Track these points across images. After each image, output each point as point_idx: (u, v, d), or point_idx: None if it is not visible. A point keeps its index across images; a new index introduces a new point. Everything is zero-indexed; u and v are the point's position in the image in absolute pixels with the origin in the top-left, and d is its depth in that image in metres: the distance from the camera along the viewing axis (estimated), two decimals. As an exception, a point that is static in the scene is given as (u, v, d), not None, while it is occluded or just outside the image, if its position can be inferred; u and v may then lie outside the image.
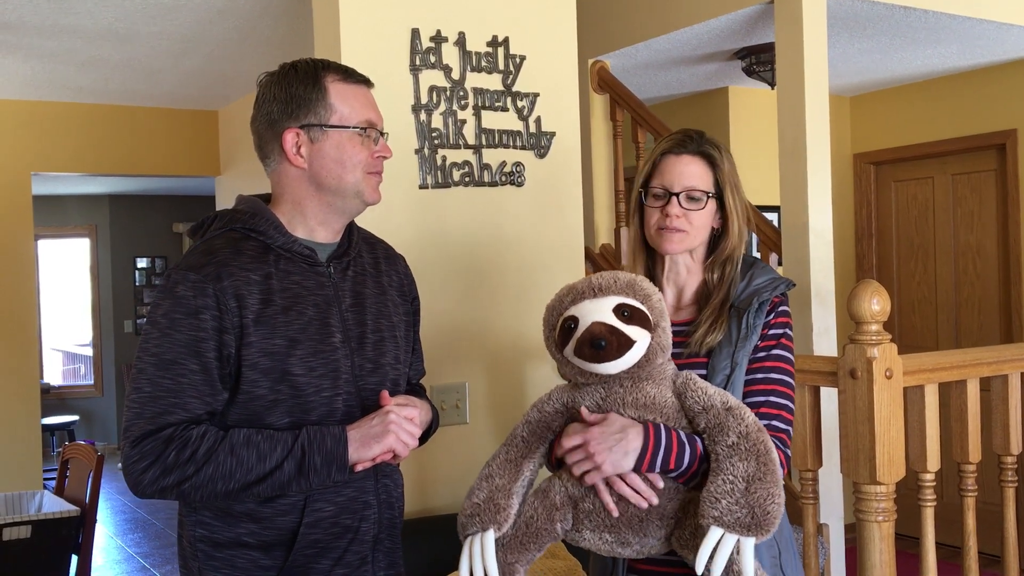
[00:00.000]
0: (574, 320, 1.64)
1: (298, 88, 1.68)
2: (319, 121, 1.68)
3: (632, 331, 1.61)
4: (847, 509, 3.60)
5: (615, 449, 1.59)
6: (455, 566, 2.18)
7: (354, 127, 1.70)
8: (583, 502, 1.66)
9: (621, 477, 1.61)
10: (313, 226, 1.74)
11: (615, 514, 1.63)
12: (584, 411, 1.66)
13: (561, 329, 1.66)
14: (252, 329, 1.61)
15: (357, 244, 1.81)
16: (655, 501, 1.62)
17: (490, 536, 1.64)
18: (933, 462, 2.39)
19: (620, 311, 1.62)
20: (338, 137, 1.69)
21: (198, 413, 1.60)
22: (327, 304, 1.70)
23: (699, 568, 1.53)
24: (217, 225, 1.72)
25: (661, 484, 1.63)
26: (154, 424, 1.58)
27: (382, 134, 1.76)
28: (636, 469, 1.60)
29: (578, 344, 1.62)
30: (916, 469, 2.41)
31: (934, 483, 2.44)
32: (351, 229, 1.81)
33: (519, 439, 1.73)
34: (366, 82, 1.76)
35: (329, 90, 1.69)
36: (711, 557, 1.53)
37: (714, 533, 1.53)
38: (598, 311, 1.62)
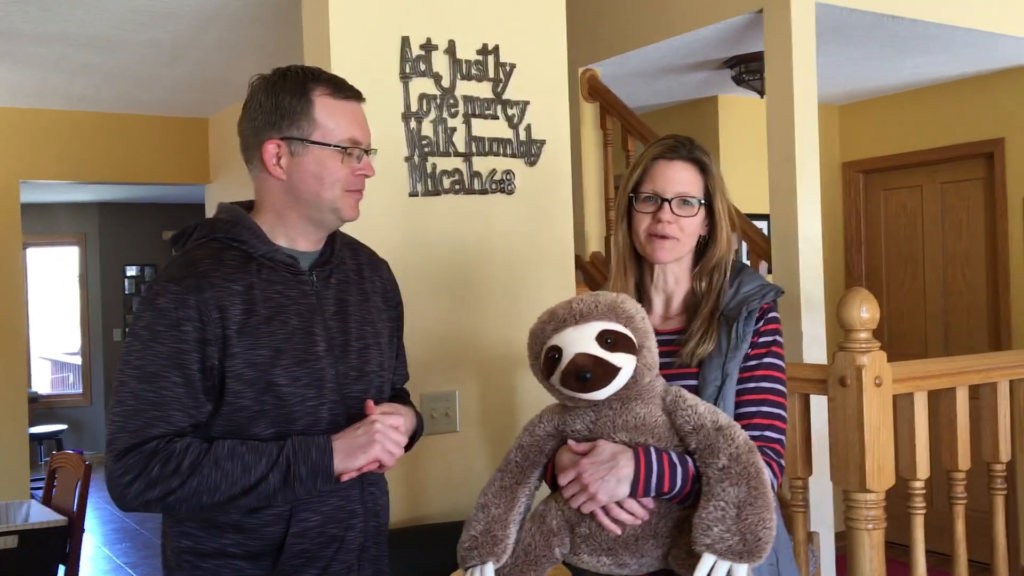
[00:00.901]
0: (557, 350, 1.62)
1: (284, 98, 1.66)
2: (301, 135, 1.66)
3: (617, 358, 1.60)
4: (837, 517, 3.59)
5: (607, 478, 1.59)
6: (445, 575, 2.18)
7: (336, 145, 1.67)
8: (579, 526, 1.66)
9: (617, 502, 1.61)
10: (294, 236, 1.72)
11: (618, 533, 1.63)
12: (571, 443, 1.66)
13: (545, 359, 1.65)
14: (235, 340, 1.60)
15: (340, 251, 1.80)
16: (645, 516, 1.62)
17: (489, 569, 1.65)
18: (923, 470, 2.40)
19: (603, 338, 1.60)
20: (319, 153, 1.66)
21: (182, 426, 1.59)
22: (310, 313, 1.69)
23: None
24: (198, 235, 1.70)
25: (652, 504, 1.63)
26: (137, 438, 1.56)
27: (367, 152, 1.72)
28: (631, 495, 1.60)
29: (563, 376, 1.61)
30: (906, 477, 2.41)
31: (924, 491, 2.44)
32: (333, 236, 1.79)
33: (513, 464, 1.72)
34: (357, 97, 1.72)
35: (315, 104, 1.66)
36: None
37: (707, 561, 1.54)
38: (580, 340, 1.61)
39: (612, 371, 1.59)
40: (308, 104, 1.66)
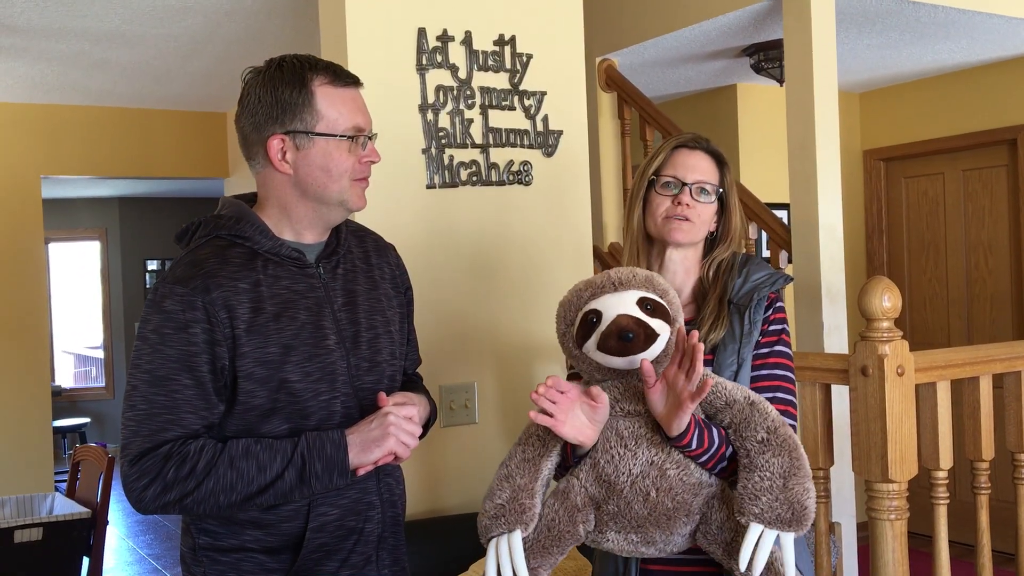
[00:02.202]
0: (596, 314, 1.63)
1: (284, 91, 1.64)
2: (305, 128, 1.64)
3: (656, 324, 1.61)
4: (859, 507, 3.58)
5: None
6: (464, 567, 2.18)
7: (341, 135, 1.65)
8: (607, 504, 1.64)
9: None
10: (300, 229, 1.71)
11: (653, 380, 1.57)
12: (595, 389, 1.61)
13: (582, 323, 1.65)
14: (244, 339, 1.59)
15: (346, 240, 1.78)
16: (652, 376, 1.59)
17: (517, 537, 1.62)
18: (946, 460, 2.38)
19: (643, 304, 1.62)
20: (325, 145, 1.65)
21: (194, 428, 1.59)
22: (319, 306, 1.67)
23: (742, 565, 1.55)
24: (202, 232, 1.68)
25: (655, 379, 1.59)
26: (151, 442, 1.56)
27: (370, 138, 1.71)
28: (679, 439, 1.59)
29: (603, 337, 1.61)
30: (928, 467, 2.39)
31: (947, 481, 2.42)
32: (339, 224, 1.77)
33: (535, 437, 1.70)
34: (355, 83, 1.70)
35: (316, 94, 1.64)
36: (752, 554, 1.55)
37: (754, 530, 1.55)
38: (622, 304, 1.62)
39: (652, 335, 1.60)
40: (309, 95, 1.64)
